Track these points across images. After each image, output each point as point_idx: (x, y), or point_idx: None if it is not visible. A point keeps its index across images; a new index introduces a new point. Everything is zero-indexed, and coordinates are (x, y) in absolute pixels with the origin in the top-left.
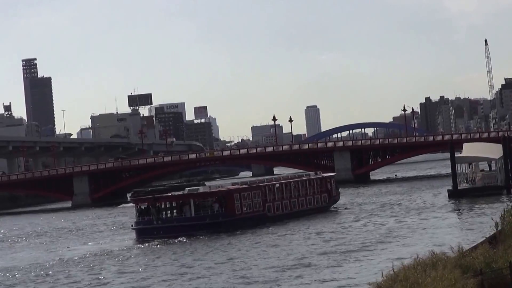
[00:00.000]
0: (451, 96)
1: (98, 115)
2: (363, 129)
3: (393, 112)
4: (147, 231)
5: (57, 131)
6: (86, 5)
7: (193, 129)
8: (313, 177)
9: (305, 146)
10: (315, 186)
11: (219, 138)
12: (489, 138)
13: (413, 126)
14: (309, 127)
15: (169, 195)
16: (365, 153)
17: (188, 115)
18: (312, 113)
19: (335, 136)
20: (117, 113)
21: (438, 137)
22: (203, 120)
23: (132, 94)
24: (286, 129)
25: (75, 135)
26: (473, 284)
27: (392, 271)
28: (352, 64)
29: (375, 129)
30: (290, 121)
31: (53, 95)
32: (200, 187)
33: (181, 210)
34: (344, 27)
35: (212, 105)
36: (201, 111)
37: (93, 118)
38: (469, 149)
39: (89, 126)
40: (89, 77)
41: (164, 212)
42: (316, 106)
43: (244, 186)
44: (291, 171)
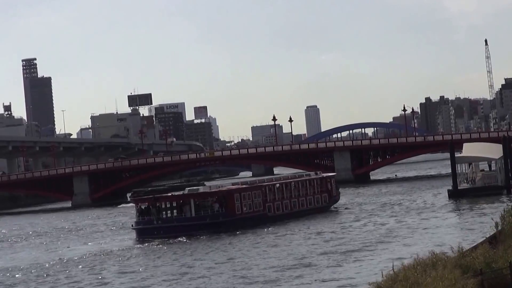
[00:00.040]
0: (451, 96)
1: (98, 115)
2: (363, 129)
3: (393, 112)
4: (148, 231)
5: (57, 131)
6: (86, 5)
7: (193, 129)
8: (313, 177)
9: (305, 146)
10: (315, 186)
11: (219, 138)
12: (489, 138)
13: (413, 126)
14: (309, 127)
15: (169, 195)
16: (365, 153)
17: (188, 115)
18: (312, 113)
19: (335, 136)
20: (117, 113)
21: (438, 137)
22: (203, 120)
23: (132, 94)
24: (286, 129)
25: (75, 135)
26: (473, 284)
27: (392, 271)
28: (352, 64)
29: (375, 129)
30: (290, 121)
31: (53, 95)
32: (200, 187)
33: (182, 210)
34: (344, 27)
35: (212, 105)
36: (201, 111)
37: (93, 118)
38: (469, 149)
39: (89, 126)
40: (89, 77)
41: (164, 212)
42: (316, 106)
43: (244, 186)
44: (291, 171)
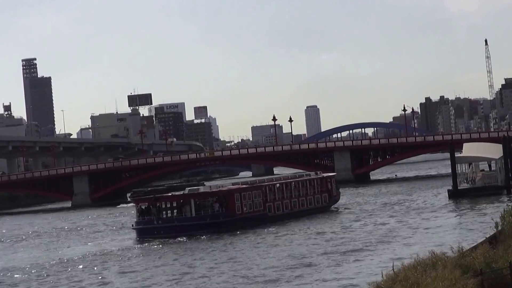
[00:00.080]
0: (451, 96)
1: (98, 115)
2: (363, 129)
3: (393, 112)
4: (148, 231)
5: (57, 131)
6: (86, 5)
7: (193, 129)
8: (313, 177)
9: (305, 146)
10: (315, 186)
11: (219, 138)
12: (489, 138)
13: (413, 126)
14: (309, 127)
15: (169, 195)
16: (365, 153)
17: (188, 115)
18: (312, 113)
19: (335, 136)
20: (117, 113)
21: (438, 137)
22: (203, 120)
23: (132, 94)
24: (286, 129)
25: (75, 135)
26: (473, 284)
27: (392, 271)
28: (352, 64)
29: (375, 129)
30: (290, 121)
31: (53, 95)
32: (200, 187)
33: (182, 210)
34: (344, 27)
35: (212, 105)
36: (201, 111)
37: (93, 118)
38: (469, 149)
39: (89, 126)
40: (89, 77)
41: (164, 212)
42: (316, 106)
43: (245, 186)
44: (291, 171)
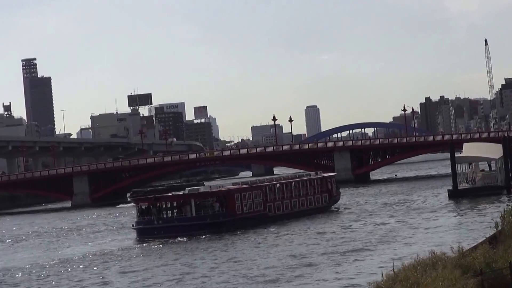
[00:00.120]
0: (451, 96)
1: (98, 115)
2: (363, 129)
3: (393, 112)
4: (148, 231)
5: (57, 131)
6: (86, 5)
7: (193, 129)
8: (313, 177)
9: (305, 146)
10: (315, 186)
11: (219, 138)
12: (489, 138)
13: (413, 126)
14: (309, 127)
15: (170, 195)
16: (365, 153)
17: (188, 115)
18: (312, 113)
19: (335, 136)
20: (117, 113)
21: (438, 137)
22: (203, 120)
23: (132, 94)
24: (286, 129)
25: (75, 135)
26: (473, 284)
27: (392, 271)
28: (352, 64)
29: (375, 129)
30: (290, 121)
31: (53, 95)
32: (200, 187)
33: (182, 210)
34: (344, 27)
35: (212, 105)
36: (201, 111)
37: (93, 118)
38: (469, 149)
39: (89, 126)
40: (89, 77)
41: (164, 212)
42: (316, 106)
43: (245, 186)
44: (291, 171)
